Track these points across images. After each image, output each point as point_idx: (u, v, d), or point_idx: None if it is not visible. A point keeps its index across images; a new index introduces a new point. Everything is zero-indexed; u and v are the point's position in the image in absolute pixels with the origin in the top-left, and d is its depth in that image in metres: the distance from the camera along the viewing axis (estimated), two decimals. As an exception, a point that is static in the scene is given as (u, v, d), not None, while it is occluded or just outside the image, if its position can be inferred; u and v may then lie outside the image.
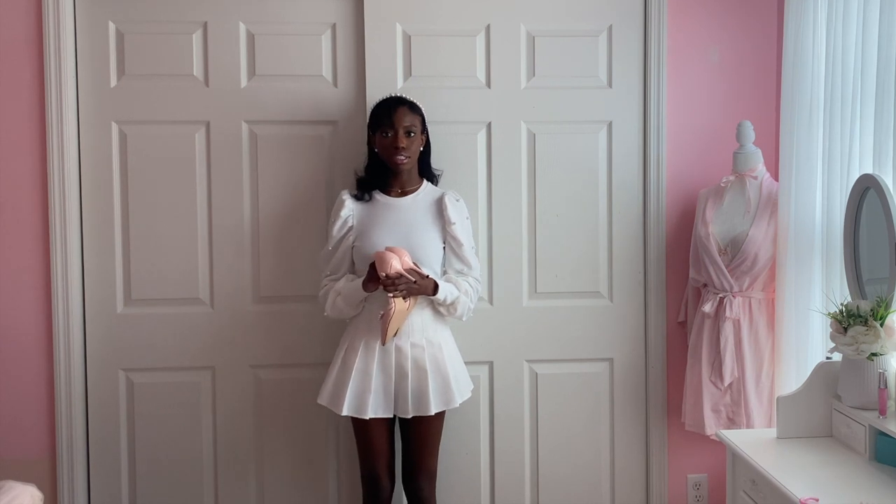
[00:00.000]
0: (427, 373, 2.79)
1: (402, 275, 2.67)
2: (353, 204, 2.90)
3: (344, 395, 2.78)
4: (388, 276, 2.65)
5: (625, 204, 3.28)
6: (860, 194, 2.56)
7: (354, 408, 2.79)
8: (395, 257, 2.69)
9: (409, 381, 2.79)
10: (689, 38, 3.27)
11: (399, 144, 2.82)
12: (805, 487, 2.20)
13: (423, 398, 2.79)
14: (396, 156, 2.83)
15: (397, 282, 2.67)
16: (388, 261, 2.67)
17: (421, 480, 2.90)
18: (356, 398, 2.79)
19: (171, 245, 3.17)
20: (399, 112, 2.85)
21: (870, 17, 2.50)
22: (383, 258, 2.68)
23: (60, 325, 3.10)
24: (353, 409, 2.79)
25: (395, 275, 2.66)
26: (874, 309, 2.39)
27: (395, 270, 2.67)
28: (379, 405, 2.79)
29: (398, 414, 2.82)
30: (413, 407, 2.79)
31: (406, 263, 2.71)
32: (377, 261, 2.69)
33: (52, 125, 3.06)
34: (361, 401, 2.78)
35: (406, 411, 2.80)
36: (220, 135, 3.17)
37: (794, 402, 2.61)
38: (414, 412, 2.79)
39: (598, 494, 3.34)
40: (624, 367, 3.32)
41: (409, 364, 2.79)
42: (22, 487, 2.31)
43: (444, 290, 2.79)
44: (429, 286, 2.76)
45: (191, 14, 3.14)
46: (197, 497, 3.23)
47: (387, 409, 2.81)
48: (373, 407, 2.78)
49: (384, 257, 2.68)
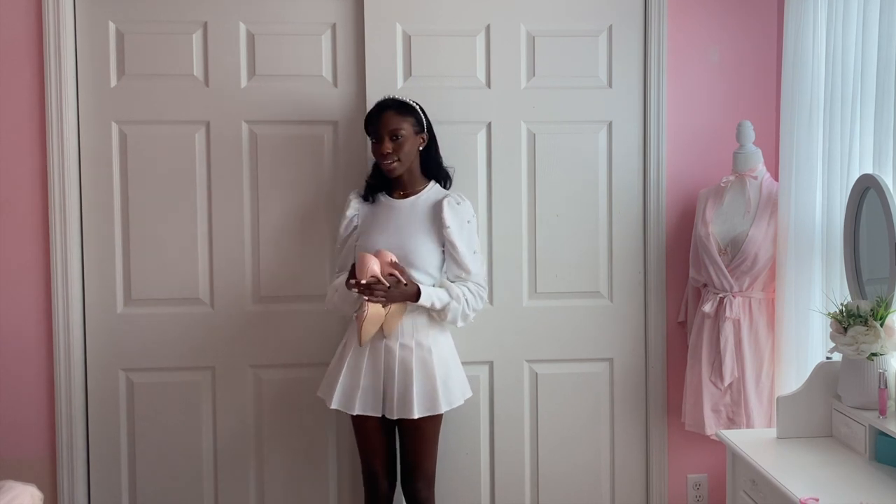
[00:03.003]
0: (412, 375, 2.77)
1: (379, 280, 2.67)
2: (359, 204, 2.93)
3: (335, 388, 2.81)
4: (361, 283, 2.66)
5: (625, 204, 3.28)
6: (860, 194, 2.56)
7: (342, 403, 2.81)
8: (374, 261, 2.69)
9: (396, 383, 2.78)
10: (689, 38, 3.27)
11: (384, 151, 2.81)
12: (805, 487, 2.21)
13: (406, 400, 2.77)
14: (384, 161, 2.83)
15: (373, 287, 2.67)
16: (367, 264, 2.68)
17: (417, 482, 2.89)
18: (345, 393, 2.80)
19: (171, 245, 3.17)
20: (384, 117, 2.82)
21: (870, 17, 2.50)
22: (362, 262, 2.69)
23: (60, 325, 3.10)
24: (341, 403, 2.81)
25: (372, 280, 2.67)
26: (874, 309, 2.39)
27: (372, 275, 2.67)
28: (367, 403, 2.79)
29: (386, 414, 2.82)
30: (397, 409, 2.78)
31: (384, 269, 2.70)
32: (357, 264, 2.72)
33: (52, 125, 3.06)
34: (350, 396, 2.79)
35: (392, 412, 2.80)
36: (220, 135, 3.17)
37: (794, 402, 2.61)
38: (398, 414, 2.79)
39: (598, 494, 3.34)
40: (624, 367, 3.32)
41: (395, 364, 2.79)
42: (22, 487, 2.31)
43: (427, 296, 2.75)
44: (409, 292, 2.73)
45: (191, 14, 3.14)
46: (197, 497, 3.23)
47: (375, 407, 2.80)
48: (360, 404, 2.79)
49: (363, 261, 2.69)
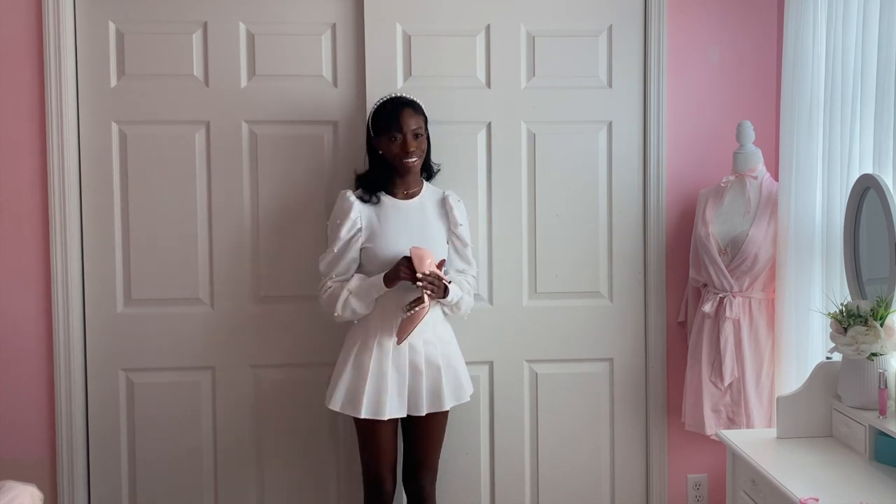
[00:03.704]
0: (440, 369, 2.82)
1: (440, 276, 2.72)
2: (361, 206, 2.87)
3: (361, 397, 2.76)
4: (426, 275, 2.68)
5: (625, 204, 3.28)
6: (860, 194, 2.56)
7: (373, 410, 2.77)
8: (431, 256, 2.72)
9: (424, 379, 2.80)
10: (689, 38, 3.27)
11: (410, 148, 2.82)
12: (805, 487, 2.20)
13: (438, 394, 2.82)
14: (407, 159, 2.84)
15: (435, 282, 2.70)
16: (425, 259, 2.70)
17: (424, 478, 2.91)
18: (373, 400, 2.77)
19: (171, 245, 3.17)
20: (405, 114, 2.83)
21: (870, 17, 2.50)
22: (422, 256, 2.70)
23: (60, 325, 3.10)
24: (372, 411, 2.77)
25: (432, 275, 2.69)
26: (874, 309, 2.39)
27: (432, 270, 2.70)
28: (394, 405, 2.79)
29: (410, 412, 2.82)
30: (428, 404, 2.81)
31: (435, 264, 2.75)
32: (415, 258, 2.70)
33: (52, 125, 3.06)
34: (379, 402, 2.77)
35: (419, 408, 2.80)
36: (220, 135, 3.17)
37: (794, 402, 2.61)
38: (429, 409, 2.81)
39: (598, 494, 3.34)
40: (624, 367, 3.32)
41: (422, 361, 2.80)
42: (22, 487, 2.31)
43: (455, 292, 2.83)
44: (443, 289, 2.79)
45: (191, 14, 3.14)
46: (197, 497, 3.23)
47: (401, 408, 2.80)
48: (390, 408, 2.77)
49: (423, 255, 2.70)
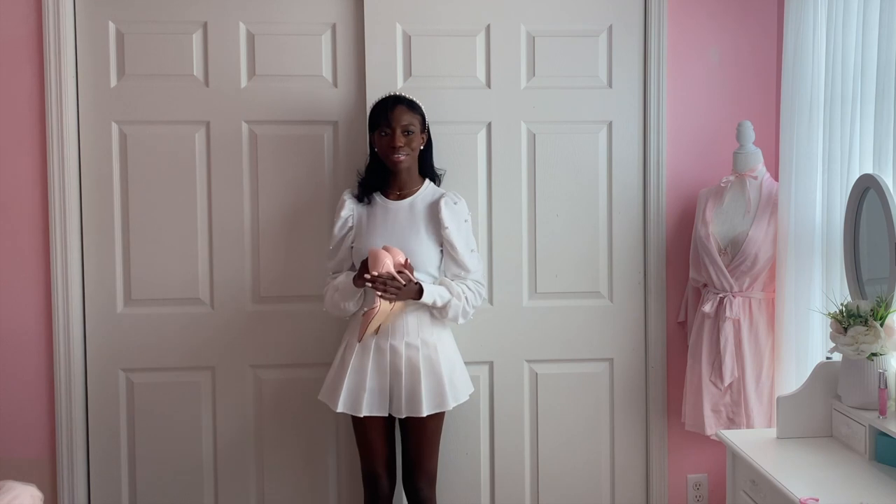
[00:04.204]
0: (420, 373, 2.78)
1: (394, 276, 2.68)
2: (354, 205, 2.90)
3: (340, 391, 2.79)
4: (377, 276, 2.66)
5: (625, 204, 3.28)
6: (860, 194, 2.56)
7: (349, 405, 2.79)
8: (388, 257, 2.70)
9: (403, 382, 2.78)
10: (689, 38, 3.27)
11: (396, 143, 2.82)
12: (805, 487, 2.21)
13: (415, 399, 2.78)
14: (393, 154, 2.83)
15: (388, 283, 2.67)
16: (381, 260, 2.68)
17: (420, 481, 2.90)
18: (351, 396, 2.79)
19: (171, 245, 3.17)
20: (397, 111, 2.84)
21: (870, 17, 2.50)
22: (377, 257, 2.69)
23: (60, 325, 3.10)
24: (348, 406, 2.79)
25: (386, 275, 2.67)
26: (874, 309, 2.39)
27: (386, 270, 2.67)
28: (374, 404, 2.79)
29: (393, 413, 2.82)
30: (406, 407, 2.79)
31: (398, 265, 2.71)
32: (370, 258, 2.71)
33: (52, 125, 3.06)
34: (356, 398, 2.79)
35: (400, 411, 2.80)
36: (220, 135, 3.17)
37: (794, 402, 2.61)
38: (407, 413, 2.79)
39: (598, 494, 3.34)
40: (624, 367, 3.32)
41: (402, 364, 2.79)
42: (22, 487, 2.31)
43: (429, 294, 2.76)
44: (412, 290, 2.74)
45: (191, 14, 3.14)
46: (197, 497, 3.23)
47: (381, 407, 2.80)
48: (367, 405, 2.78)
49: (378, 256, 2.69)
